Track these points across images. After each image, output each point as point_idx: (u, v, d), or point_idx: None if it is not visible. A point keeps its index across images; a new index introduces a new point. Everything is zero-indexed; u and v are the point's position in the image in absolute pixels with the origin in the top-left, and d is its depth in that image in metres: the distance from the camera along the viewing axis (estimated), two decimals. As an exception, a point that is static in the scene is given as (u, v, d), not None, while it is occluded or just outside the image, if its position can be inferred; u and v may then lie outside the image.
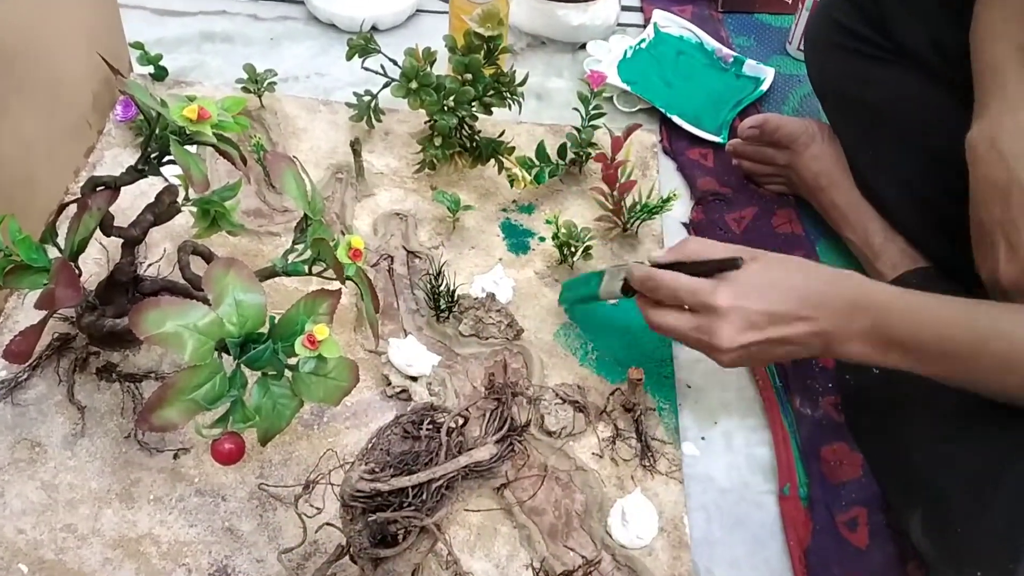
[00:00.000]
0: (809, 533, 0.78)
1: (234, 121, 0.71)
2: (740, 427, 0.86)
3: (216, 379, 0.63)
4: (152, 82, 1.14)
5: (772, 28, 1.36)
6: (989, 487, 0.66)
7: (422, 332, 0.90)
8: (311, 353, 0.64)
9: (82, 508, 0.75)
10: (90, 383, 0.83)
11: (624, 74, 1.21)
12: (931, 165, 0.88)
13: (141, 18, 1.26)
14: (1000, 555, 0.63)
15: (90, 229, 0.73)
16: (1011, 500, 0.64)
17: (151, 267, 0.91)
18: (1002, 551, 0.63)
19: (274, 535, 0.75)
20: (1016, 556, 0.61)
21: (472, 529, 0.76)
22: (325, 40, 1.27)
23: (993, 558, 0.63)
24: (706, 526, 0.79)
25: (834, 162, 1.00)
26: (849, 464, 0.82)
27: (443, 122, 0.98)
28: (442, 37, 1.01)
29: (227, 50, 1.23)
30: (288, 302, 0.69)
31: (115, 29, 1.09)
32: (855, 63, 0.95)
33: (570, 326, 0.92)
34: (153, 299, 0.62)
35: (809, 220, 1.06)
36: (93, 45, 0.99)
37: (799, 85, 1.24)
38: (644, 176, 1.09)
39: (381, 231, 1.00)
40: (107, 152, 1.04)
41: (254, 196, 1.02)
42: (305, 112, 1.13)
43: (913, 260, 0.92)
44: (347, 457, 0.78)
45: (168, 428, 0.62)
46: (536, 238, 1.01)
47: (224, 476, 0.78)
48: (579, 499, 0.78)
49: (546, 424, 0.83)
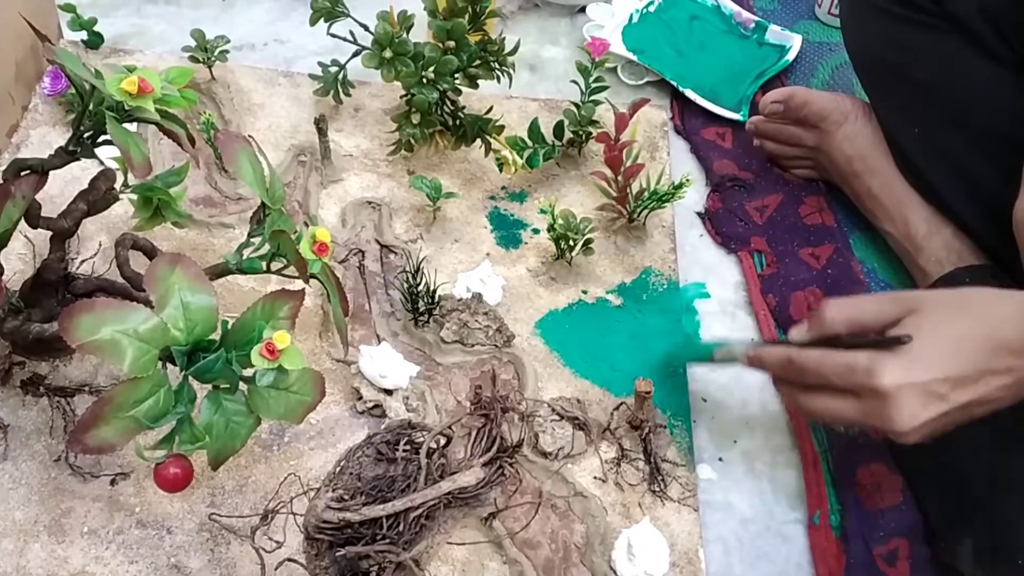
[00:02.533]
0: (842, 568, 0.78)
1: (180, 95, 0.71)
2: (763, 447, 0.87)
3: (160, 393, 0.63)
4: (85, 50, 1.14)
5: (799, -11, 1.36)
6: None
7: (398, 339, 0.90)
8: (270, 364, 0.64)
9: (5, 543, 0.74)
10: (14, 398, 0.82)
11: (630, 41, 1.21)
12: (986, 145, 0.89)
13: (73, -24, 1.25)
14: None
15: (13, 220, 0.73)
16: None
17: (84, 264, 0.91)
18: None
19: (227, 573, 0.74)
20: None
21: (456, 565, 0.76)
22: (286, 2, 1.27)
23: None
24: (724, 560, 0.79)
25: (871, 144, 1.01)
26: (888, 488, 0.82)
27: (422, 97, 0.98)
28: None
29: (172, 13, 1.23)
30: (243, 304, 0.68)
31: (42, -11, 1.08)
32: (898, 29, 0.95)
33: (568, 331, 0.93)
34: (87, 301, 0.62)
35: (841, 210, 1.06)
36: (17, 6, 0.98)
37: (831, 54, 1.24)
38: (653, 159, 1.09)
39: (350, 222, 0.99)
40: (33, 131, 1.04)
41: (203, 182, 1.02)
42: (263, 85, 1.13)
43: (960, 256, 0.92)
44: (312, 483, 0.78)
45: (105, 450, 0.62)
46: (529, 230, 1.01)
47: (169, 505, 0.77)
48: (579, 530, 0.78)
49: (541, 444, 0.82)
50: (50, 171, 0.74)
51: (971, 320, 0.68)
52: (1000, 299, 0.69)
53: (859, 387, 0.68)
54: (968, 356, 0.67)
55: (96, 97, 0.70)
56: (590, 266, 0.98)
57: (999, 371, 0.66)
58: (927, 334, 0.67)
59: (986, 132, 0.90)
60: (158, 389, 0.63)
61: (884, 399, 0.66)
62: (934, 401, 0.66)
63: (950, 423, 0.68)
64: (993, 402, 0.67)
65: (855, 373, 0.68)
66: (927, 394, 0.66)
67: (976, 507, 0.73)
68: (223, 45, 1.10)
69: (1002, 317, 0.67)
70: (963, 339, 0.67)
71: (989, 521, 0.71)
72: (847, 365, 0.68)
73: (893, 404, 0.66)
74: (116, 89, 0.67)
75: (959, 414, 0.67)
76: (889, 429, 0.68)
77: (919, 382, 0.66)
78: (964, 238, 0.93)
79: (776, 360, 0.74)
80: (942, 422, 0.68)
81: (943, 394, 0.66)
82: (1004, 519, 0.69)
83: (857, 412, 0.69)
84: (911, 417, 0.66)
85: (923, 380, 0.66)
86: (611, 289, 0.97)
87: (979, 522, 0.72)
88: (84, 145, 0.74)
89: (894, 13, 0.95)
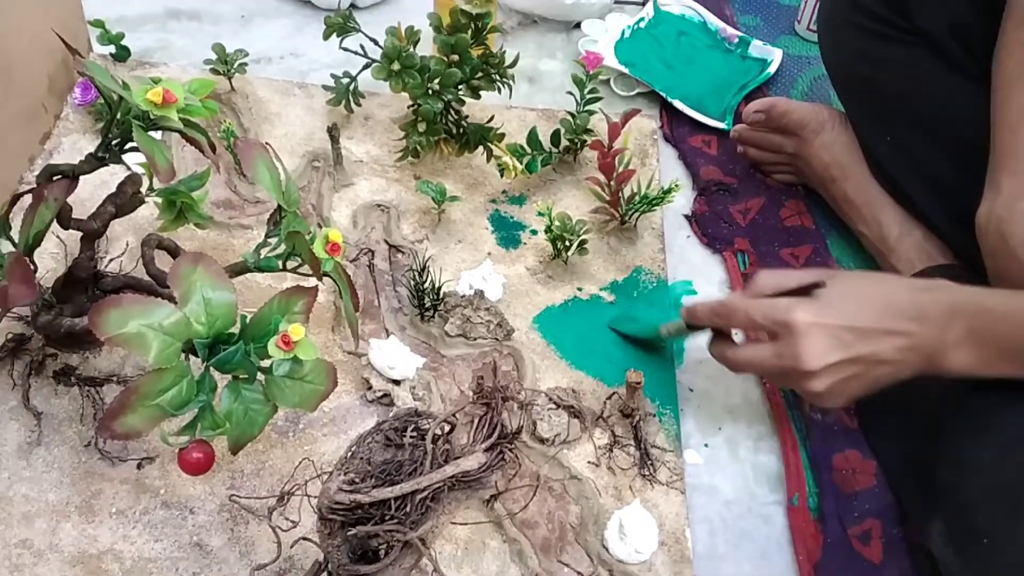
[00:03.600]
0: (819, 547, 0.78)
1: (202, 105, 0.71)
2: (746, 434, 0.87)
3: (183, 383, 0.63)
4: (113, 63, 1.14)
5: (780, 6, 1.36)
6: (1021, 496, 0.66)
7: (405, 332, 0.90)
8: (286, 355, 0.64)
9: (39, 522, 0.74)
10: (47, 388, 0.82)
11: (622, 55, 1.21)
12: (951, 151, 0.89)
13: (101, -6, 1.25)
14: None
15: (46, 221, 0.73)
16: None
17: (112, 262, 0.90)
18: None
19: (246, 550, 0.74)
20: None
21: (459, 543, 0.76)
22: (300, 18, 1.26)
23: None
24: (709, 539, 0.79)
25: (847, 151, 1.01)
26: (863, 473, 0.82)
27: (427, 106, 0.98)
28: (426, 15, 1.01)
29: (194, 29, 1.23)
30: (261, 300, 0.68)
31: (73, 5, 1.08)
32: (873, 44, 0.95)
33: (564, 326, 0.93)
34: (115, 297, 0.61)
35: (819, 212, 1.06)
36: (49, 23, 0.98)
37: (809, 67, 1.24)
38: (643, 165, 1.09)
39: (361, 223, 1.00)
40: (65, 139, 1.04)
41: (224, 186, 1.02)
42: (279, 96, 1.13)
43: (930, 256, 0.92)
44: (325, 467, 0.78)
45: (131, 436, 0.62)
46: (528, 231, 1.01)
47: (192, 487, 0.77)
48: (574, 511, 0.79)
49: (539, 431, 0.83)
50: (80, 176, 0.74)
51: (876, 286, 0.72)
52: (902, 278, 0.75)
53: (776, 324, 0.71)
54: (870, 312, 0.70)
55: (123, 107, 0.70)
56: (584, 265, 0.98)
57: (896, 332, 0.69)
58: (839, 290, 0.72)
59: (953, 140, 0.89)
60: (181, 379, 0.62)
61: (796, 336, 0.70)
62: (840, 347, 0.69)
63: (855, 381, 0.71)
64: (892, 363, 0.70)
65: (775, 309, 0.71)
66: (834, 338, 0.69)
67: (944, 490, 0.73)
68: (242, 58, 1.10)
69: (899, 287, 0.72)
70: (868, 297, 0.71)
71: (956, 504, 0.71)
72: (770, 304, 0.73)
73: (804, 340, 0.70)
74: (142, 99, 0.67)
75: (863, 369, 0.70)
76: (799, 368, 0.70)
77: (828, 324, 0.69)
78: (934, 240, 0.93)
79: (709, 307, 0.78)
80: (848, 372, 0.70)
81: (848, 342, 0.69)
82: (969, 502, 0.69)
83: (772, 353, 0.72)
84: (818, 357, 0.69)
85: (831, 323, 0.69)
86: (604, 286, 0.97)
87: (947, 505, 0.72)
88: (112, 152, 0.74)
89: (868, 29, 0.95)
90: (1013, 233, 0.76)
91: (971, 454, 0.71)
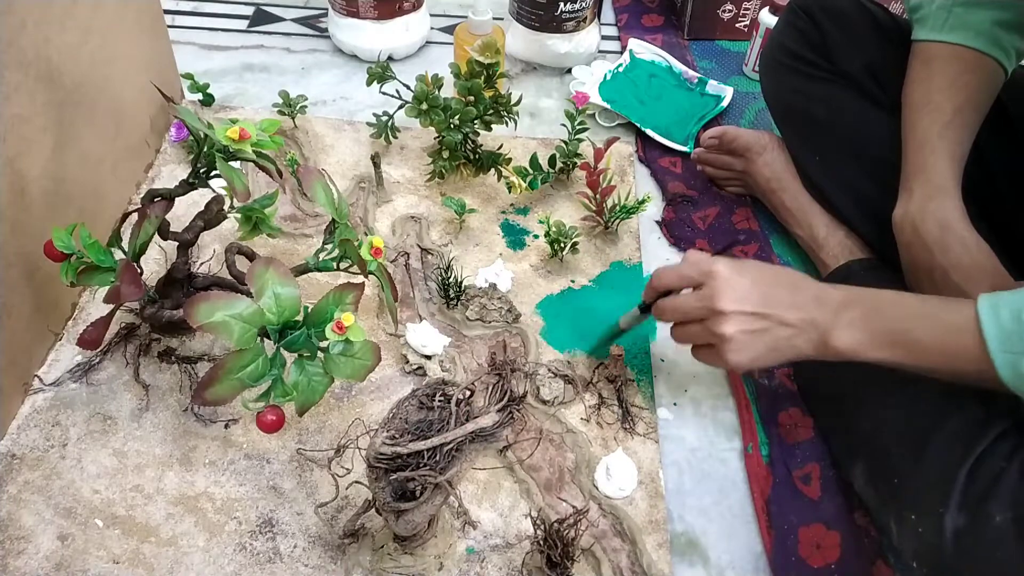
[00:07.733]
0: (770, 486, 0.77)
1: (271, 140, 0.71)
2: (707, 395, 0.86)
3: (259, 360, 0.63)
4: (200, 107, 1.14)
5: (731, 53, 1.35)
6: (921, 444, 0.66)
7: (435, 317, 0.90)
8: (340, 337, 0.64)
9: (148, 471, 0.75)
10: (152, 365, 0.83)
11: (604, 94, 1.20)
12: (867, 167, 0.89)
13: (191, 52, 1.25)
14: (931, 501, 0.63)
15: (149, 234, 0.73)
16: (939, 455, 0.64)
17: (202, 266, 0.91)
18: (932, 498, 0.63)
19: (311, 492, 0.75)
20: (944, 501, 0.62)
21: (479, 484, 0.76)
22: (348, 69, 1.26)
23: (925, 503, 0.63)
24: (678, 479, 0.79)
25: (784, 167, 1.00)
26: (802, 427, 0.82)
27: (450, 138, 0.97)
28: (448, 65, 1.01)
29: (264, 79, 1.22)
30: (319, 294, 0.68)
31: (168, 62, 1.08)
32: (802, 82, 0.95)
33: (561, 311, 0.92)
34: (204, 293, 0.62)
35: (764, 218, 1.05)
36: (150, 76, 0.98)
37: (754, 101, 1.23)
38: (622, 181, 1.09)
39: (398, 232, 0.99)
40: (163, 168, 1.04)
41: (289, 204, 1.02)
42: (332, 131, 1.13)
43: (851, 252, 0.91)
44: (372, 425, 0.78)
45: (219, 402, 0.62)
46: (531, 236, 1.01)
47: (268, 443, 0.78)
48: (570, 457, 0.78)
49: (541, 394, 0.82)
50: (176, 197, 0.75)
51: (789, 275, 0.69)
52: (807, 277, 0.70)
53: (702, 273, 0.69)
54: (781, 287, 0.67)
55: (209, 142, 0.70)
56: (576, 262, 0.98)
57: (799, 306, 0.66)
58: (759, 265, 0.70)
59: (869, 158, 0.89)
60: (258, 357, 0.62)
61: (717, 280, 0.67)
62: (751, 300, 0.67)
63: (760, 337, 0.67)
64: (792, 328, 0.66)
65: (701, 262, 0.69)
66: (748, 291, 0.67)
67: (863, 440, 0.72)
68: (303, 102, 1.10)
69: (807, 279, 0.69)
70: (781, 275, 0.69)
71: (873, 450, 0.70)
72: (697, 259, 0.70)
73: (722, 284, 0.67)
74: (223, 136, 0.67)
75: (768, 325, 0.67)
76: (715, 306, 0.67)
77: (744, 280, 0.67)
78: (855, 237, 0.92)
79: (651, 281, 0.75)
80: (755, 325, 0.67)
81: (758, 299, 0.67)
82: (884, 449, 0.69)
83: (695, 297, 0.69)
84: (732, 301, 0.67)
85: (747, 281, 0.67)
86: (593, 278, 0.96)
87: (866, 451, 0.71)
88: (200, 178, 0.74)
89: (799, 70, 0.95)
90: (926, 229, 0.76)
91: (885, 413, 0.71)
